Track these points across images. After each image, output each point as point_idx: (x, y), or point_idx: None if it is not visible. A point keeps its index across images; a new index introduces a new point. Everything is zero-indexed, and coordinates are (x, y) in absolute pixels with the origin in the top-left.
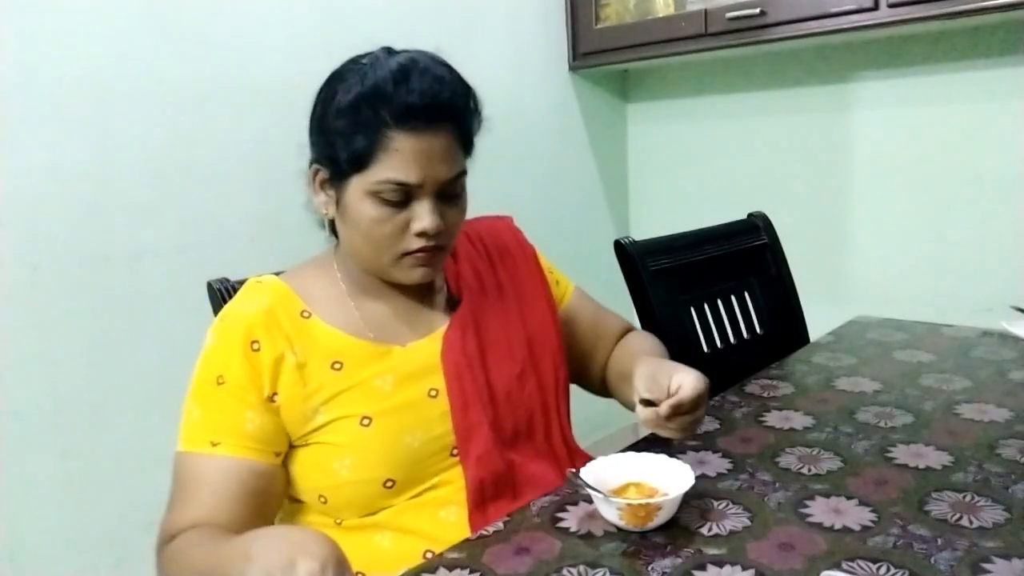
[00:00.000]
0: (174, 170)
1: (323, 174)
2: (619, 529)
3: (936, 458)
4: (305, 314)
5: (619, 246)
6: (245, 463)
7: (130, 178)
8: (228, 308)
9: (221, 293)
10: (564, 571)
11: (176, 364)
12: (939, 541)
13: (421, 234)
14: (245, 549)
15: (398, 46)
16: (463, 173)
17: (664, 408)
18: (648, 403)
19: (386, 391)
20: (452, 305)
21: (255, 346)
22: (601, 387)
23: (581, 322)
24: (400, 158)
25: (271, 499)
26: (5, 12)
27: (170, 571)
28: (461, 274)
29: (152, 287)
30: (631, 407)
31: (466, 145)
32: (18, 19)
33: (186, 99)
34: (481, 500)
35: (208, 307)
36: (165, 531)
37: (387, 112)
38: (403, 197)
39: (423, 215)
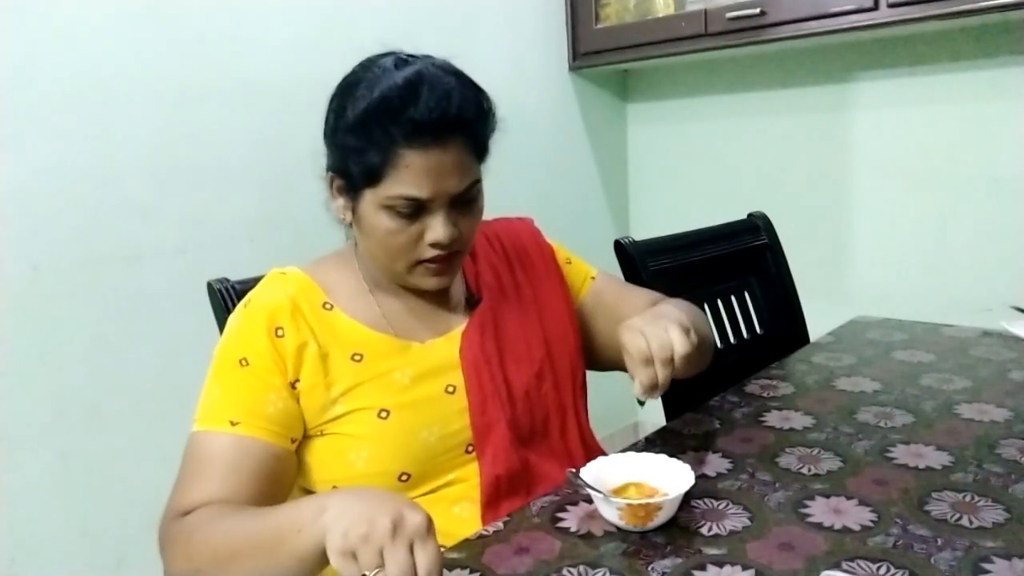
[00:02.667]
0: (174, 170)
1: (338, 182)
2: (619, 529)
3: (936, 458)
4: (327, 306)
5: (619, 246)
6: (263, 444)
7: (130, 178)
8: (252, 295)
9: (221, 293)
10: (564, 571)
11: (176, 364)
12: (939, 541)
13: (435, 244)
14: (316, 504)
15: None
16: (476, 181)
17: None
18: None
19: (404, 384)
20: (471, 305)
21: (279, 332)
22: None
23: (603, 311)
24: (411, 174)
25: (283, 485)
26: (5, 12)
27: (191, 544)
28: (480, 274)
29: (152, 287)
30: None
31: (479, 152)
32: (18, 19)
33: (186, 99)
34: (495, 497)
35: (208, 307)
36: (175, 507)
37: (396, 130)
38: (416, 210)
39: (436, 227)
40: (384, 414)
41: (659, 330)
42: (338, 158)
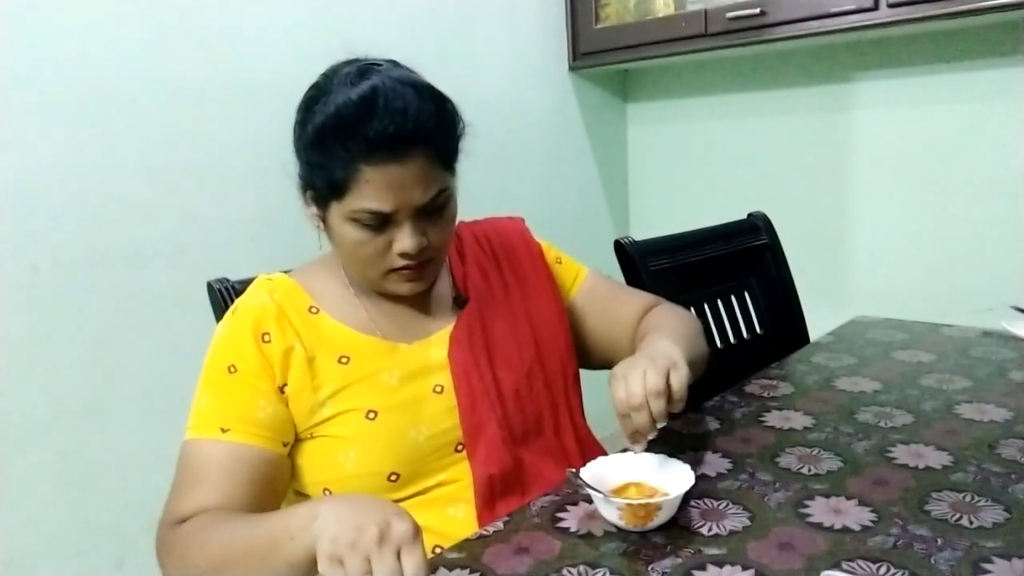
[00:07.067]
0: (174, 170)
1: (309, 191)
2: (619, 529)
3: (936, 458)
4: (313, 310)
5: (619, 246)
6: (255, 450)
7: (130, 178)
8: (239, 302)
9: (221, 293)
10: (564, 571)
11: (176, 364)
12: (939, 541)
13: (403, 254)
14: (307, 511)
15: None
16: (443, 190)
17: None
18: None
19: (392, 385)
20: (459, 305)
21: (266, 338)
22: None
23: (594, 310)
24: (372, 189)
25: (278, 489)
26: (5, 11)
27: (187, 552)
28: (468, 275)
29: (152, 287)
30: None
31: (446, 160)
32: (18, 18)
33: (186, 99)
34: (490, 497)
35: (208, 307)
36: (171, 515)
37: (353, 146)
38: (381, 222)
39: (403, 238)
40: (372, 415)
41: (638, 374)
42: (304, 171)
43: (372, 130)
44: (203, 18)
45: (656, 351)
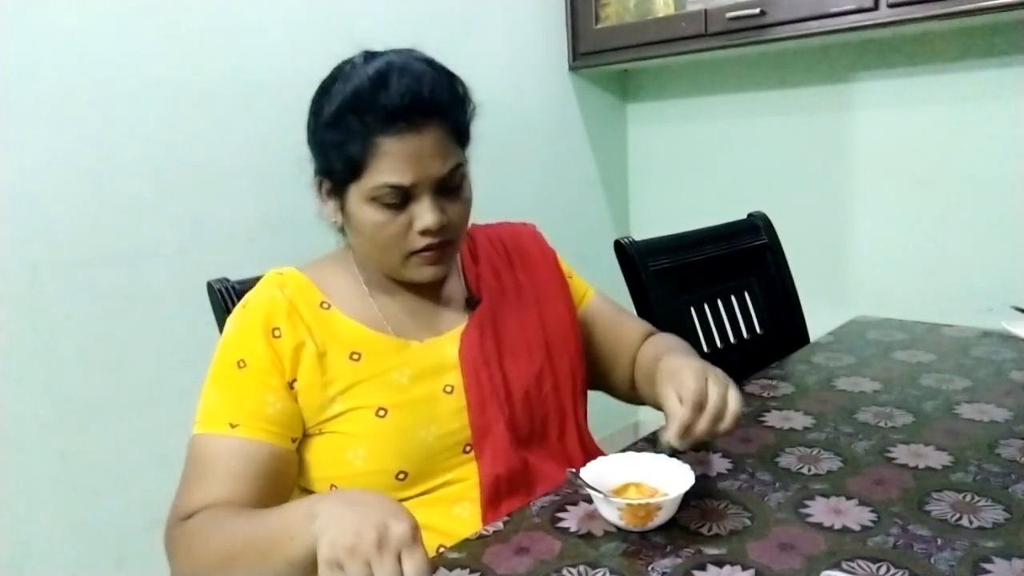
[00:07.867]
0: (175, 170)
1: (326, 184)
2: (619, 529)
3: (936, 458)
4: (324, 305)
5: (619, 246)
6: (263, 445)
7: (131, 178)
8: (249, 297)
9: (221, 293)
10: (564, 571)
11: (176, 364)
12: (939, 541)
13: (425, 232)
14: (306, 510)
15: (398, 46)
16: (460, 165)
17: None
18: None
19: (403, 384)
20: (471, 305)
21: (276, 333)
22: (627, 393)
23: (600, 327)
24: (391, 161)
25: (286, 484)
26: (5, 11)
27: (192, 547)
28: (481, 275)
29: (152, 287)
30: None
31: (460, 136)
32: (18, 18)
33: (187, 99)
34: (496, 497)
35: (208, 307)
36: (179, 511)
37: (371, 119)
38: (402, 199)
39: (424, 213)
40: (382, 413)
41: (721, 382)
42: (320, 158)
43: (389, 100)
44: (203, 18)
45: (710, 367)
